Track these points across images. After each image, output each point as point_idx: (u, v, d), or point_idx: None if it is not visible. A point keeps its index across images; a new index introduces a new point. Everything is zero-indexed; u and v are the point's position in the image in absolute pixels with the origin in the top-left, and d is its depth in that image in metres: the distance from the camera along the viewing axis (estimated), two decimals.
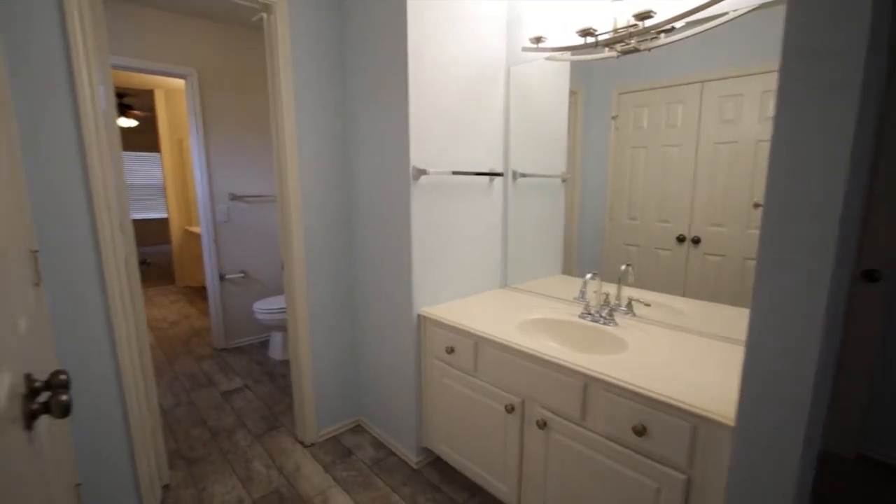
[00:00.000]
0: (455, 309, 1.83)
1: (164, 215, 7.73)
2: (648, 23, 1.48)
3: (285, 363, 3.18)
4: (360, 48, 1.92)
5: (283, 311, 3.09)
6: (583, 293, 1.64)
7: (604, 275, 1.77)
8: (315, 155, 2.03)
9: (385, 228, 1.93)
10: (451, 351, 1.69)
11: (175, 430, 2.33)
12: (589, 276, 1.63)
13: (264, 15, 1.87)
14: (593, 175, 1.86)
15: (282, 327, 3.19)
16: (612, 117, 1.79)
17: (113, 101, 1.69)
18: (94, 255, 1.49)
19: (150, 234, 8.50)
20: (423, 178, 1.76)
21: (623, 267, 1.72)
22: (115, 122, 1.69)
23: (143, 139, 7.79)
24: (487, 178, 2.01)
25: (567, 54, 1.78)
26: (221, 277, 3.35)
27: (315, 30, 1.94)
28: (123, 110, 6.79)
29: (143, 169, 8.58)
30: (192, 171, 4.56)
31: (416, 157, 1.72)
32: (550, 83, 1.92)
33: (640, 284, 1.70)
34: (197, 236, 4.94)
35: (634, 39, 1.54)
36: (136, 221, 8.85)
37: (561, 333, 1.66)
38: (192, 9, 2.91)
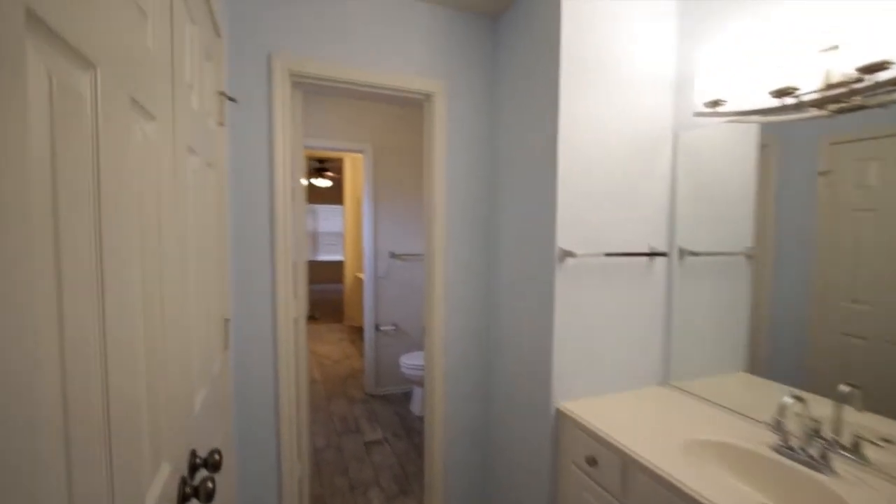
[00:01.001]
0: (601, 408, 1.58)
1: (342, 258, 8.91)
2: (883, 76, 1.13)
3: (422, 420, 3.23)
4: (510, 133, 1.93)
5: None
6: (779, 421, 1.25)
7: (810, 381, 1.33)
8: (461, 224, 2.08)
9: (526, 308, 1.82)
10: (592, 462, 1.45)
11: (322, 474, 2.51)
12: (789, 399, 1.23)
13: (425, 104, 2.04)
14: (791, 247, 1.45)
15: (423, 384, 3.27)
16: (821, 173, 1.39)
17: (299, 183, 2.01)
18: (271, 319, 1.73)
19: (332, 273, 9.92)
20: (570, 261, 1.62)
21: (845, 388, 1.26)
22: (301, 203, 1.99)
23: (335, 194, 9.27)
24: (647, 258, 1.76)
25: (755, 116, 1.48)
26: (376, 328, 3.64)
27: (467, 115, 2.04)
28: (321, 172, 8.30)
29: (333, 218, 10.24)
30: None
31: (564, 239, 1.60)
32: (731, 146, 1.61)
33: (873, 405, 1.21)
34: (362, 283, 5.55)
35: (860, 96, 1.19)
36: (322, 262, 10.52)
37: (747, 471, 1.27)
38: (368, 95, 3.40)
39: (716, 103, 1.50)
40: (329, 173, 8.35)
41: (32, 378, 0.36)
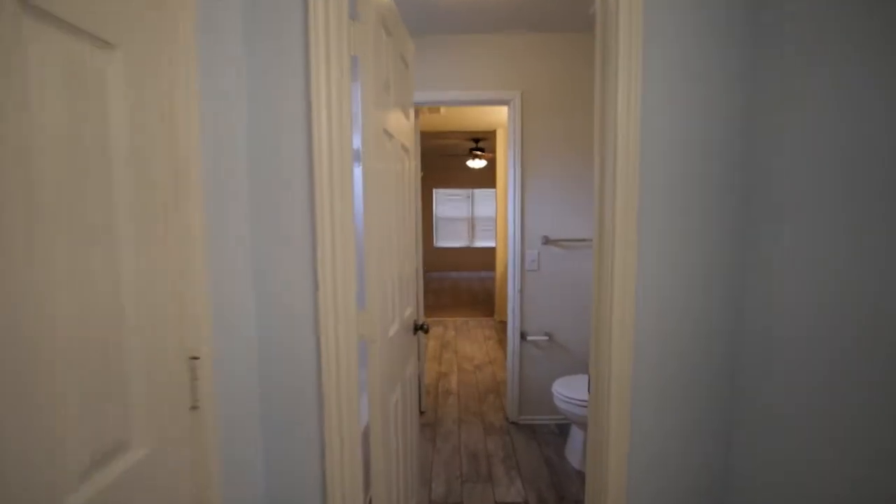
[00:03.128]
0: None
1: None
2: None
3: (583, 478, 2.23)
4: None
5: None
6: None
7: None
8: (670, 199, 1.04)
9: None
10: None
11: None
12: None
13: (599, 14, 1.05)
14: None
15: (585, 425, 2.27)
16: None
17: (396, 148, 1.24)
18: (314, 350, 1.01)
19: (488, 260, 9.38)
20: None
21: None
22: (409, 185, 1.23)
23: (492, 176, 8.64)
24: None
25: None
26: (522, 336, 2.75)
27: (687, 30, 0.97)
28: (475, 153, 7.71)
29: (489, 202, 9.67)
30: None
31: None
32: None
33: None
34: None
35: None
36: (478, 248, 10.09)
37: None
38: (516, 21, 2.47)
39: None
40: (484, 153, 7.70)
41: None
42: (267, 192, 1.03)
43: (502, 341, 4.61)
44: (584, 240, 2.68)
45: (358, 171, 1.13)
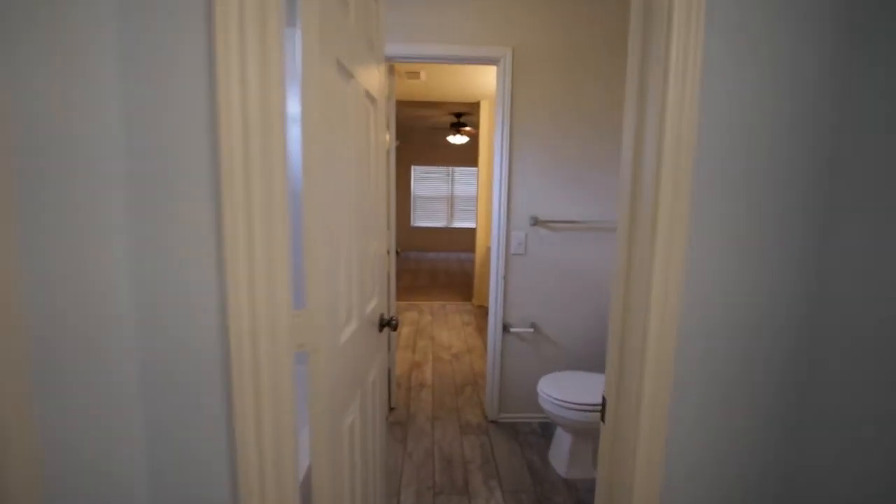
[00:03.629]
0: None
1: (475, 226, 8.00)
2: None
3: (571, 487, 2.01)
4: None
5: (586, 411, 1.92)
6: None
7: None
8: (730, 182, 0.75)
9: None
10: None
11: None
12: None
13: None
14: None
15: (578, 430, 2.04)
16: None
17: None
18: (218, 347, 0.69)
19: (468, 241, 9.10)
20: None
21: None
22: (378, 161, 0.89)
23: (474, 154, 8.27)
24: None
25: None
26: (505, 328, 2.48)
27: None
28: (458, 129, 7.32)
29: (468, 182, 9.32)
30: None
31: None
32: None
33: None
34: None
35: None
36: (457, 229, 9.78)
37: None
38: None
39: None
40: (467, 129, 7.32)
41: None
42: (149, 157, 0.68)
43: (481, 328, 4.37)
44: (577, 222, 2.40)
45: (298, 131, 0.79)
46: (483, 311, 4.97)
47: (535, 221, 2.38)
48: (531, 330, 2.48)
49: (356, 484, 1.13)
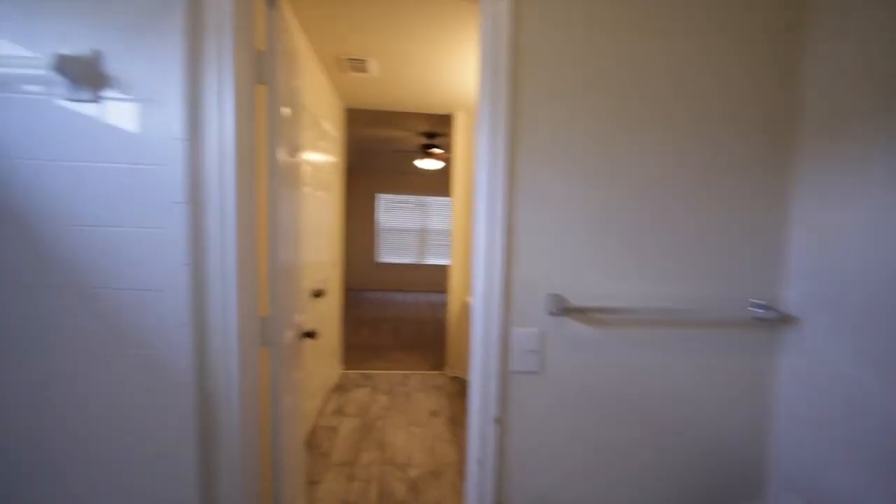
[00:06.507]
0: None
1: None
2: None
3: None
4: None
5: None
6: None
7: None
8: None
9: None
10: None
11: None
12: None
13: None
14: None
15: None
16: None
17: None
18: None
19: (440, 279, 7.90)
20: None
21: None
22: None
23: (447, 182, 7.19)
24: None
25: None
26: None
27: None
28: (429, 151, 6.22)
29: (443, 213, 8.19)
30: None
31: None
32: None
33: None
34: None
35: None
36: (429, 266, 8.56)
37: None
38: None
39: None
40: (440, 151, 6.22)
41: None
42: None
43: (456, 419, 3.10)
44: (669, 310, 1.22)
45: None
46: (459, 386, 3.71)
47: (563, 309, 1.18)
48: None
49: None
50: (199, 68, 1.05)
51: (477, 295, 1.19)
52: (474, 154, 1.21)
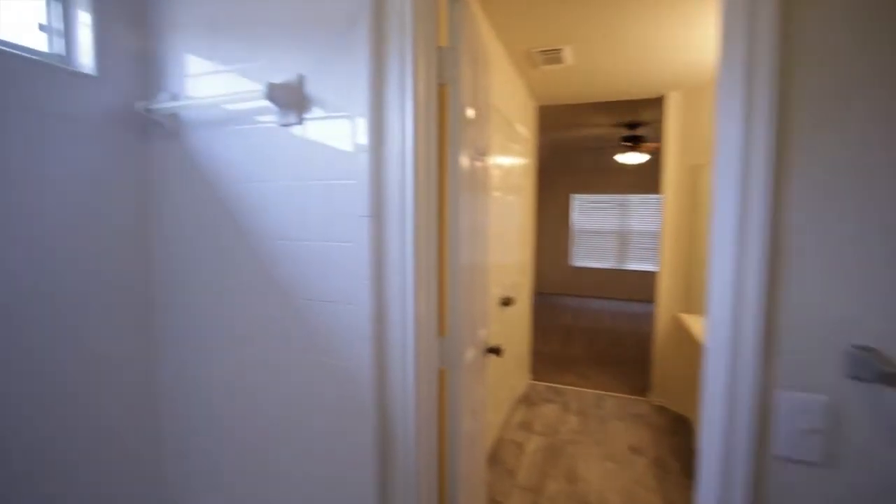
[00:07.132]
0: None
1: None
2: None
3: None
4: None
5: None
6: None
7: None
8: None
9: None
10: None
11: None
12: None
13: None
14: None
15: None
16: None
17: None
18: None
19: (644, 287, 7.03)
20: None
21: None
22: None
23: (655, 176, 6.32)
24: None
25: None
26: None
27: None
28: (632, 143, 5.51)
29: (648, 212, 7.23)
30: (706, 222, 2.38)
31: None
32: None
33: None
34: (695, 343, 2.67)
35: None
36: (630, 272, 7.67)
37: None
38: None
39: None
40: (647, 143, 5.44)
41: None
42: None
43: (663, 462, 2.57)
44: None
45: None
46: (667, 420, 3.10)
47: (878, 373, 0.72)
48: None
49: None
50: (382, 73, 1.01)
51: (713, 328, 0.84)
52: (692, 137, 0.85)
